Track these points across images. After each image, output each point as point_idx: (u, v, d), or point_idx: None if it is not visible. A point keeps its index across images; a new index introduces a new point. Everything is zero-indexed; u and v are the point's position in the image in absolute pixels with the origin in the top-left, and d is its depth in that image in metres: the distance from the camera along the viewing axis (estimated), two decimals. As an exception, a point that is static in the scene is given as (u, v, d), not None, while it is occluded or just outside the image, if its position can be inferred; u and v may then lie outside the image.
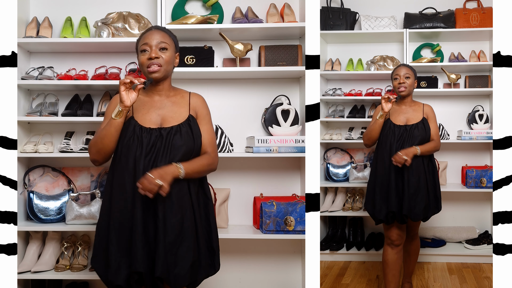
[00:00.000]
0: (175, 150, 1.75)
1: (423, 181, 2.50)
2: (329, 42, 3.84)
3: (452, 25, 3.62)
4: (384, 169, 2.53)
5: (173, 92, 1.89)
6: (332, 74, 3.65)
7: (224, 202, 2.68)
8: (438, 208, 2.62)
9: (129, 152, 1.74)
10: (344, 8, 3.72)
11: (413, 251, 2.78)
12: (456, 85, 3.69)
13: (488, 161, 3.74)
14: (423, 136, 2.52)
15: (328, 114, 3.68)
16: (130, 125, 1.77)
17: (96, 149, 1.78)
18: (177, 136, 1.77)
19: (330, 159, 3.72)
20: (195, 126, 1.84)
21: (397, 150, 2.47)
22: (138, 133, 1.75)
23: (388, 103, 2.47)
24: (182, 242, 1.73)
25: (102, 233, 1.79)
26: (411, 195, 2.47)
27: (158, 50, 1.79)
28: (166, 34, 1.84)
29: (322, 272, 3.31)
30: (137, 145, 1.74)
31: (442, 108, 3.77)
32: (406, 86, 2.54)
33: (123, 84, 1.70)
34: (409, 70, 2.57)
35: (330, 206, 3.64)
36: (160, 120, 1.81)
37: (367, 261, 3.55)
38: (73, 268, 2.53)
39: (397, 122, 2.57)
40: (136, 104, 1.83)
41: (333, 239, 3.71)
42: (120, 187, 1.75)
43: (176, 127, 1.79)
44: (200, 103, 1.90)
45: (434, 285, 3.03)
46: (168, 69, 1.82)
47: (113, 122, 1.73)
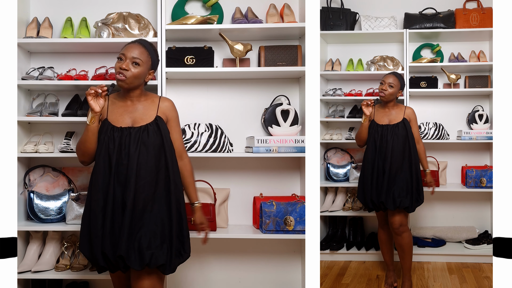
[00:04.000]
0: (144, 146, 1.95)
1: (405, 174, 2.77)
2: (329, 42, 3.84)
3: (452, 25, 3.62)
4: (369, 163, 2.86)
5: (144, 97, 2.07)
6: (332, 74, 3.65)
7: (224, 202, 2.69)
8: (420, 201, 2.83)
9: (103, 148, 1.96)
10: (344, 8, 3.72)
11: (405, 245, 2.83)
12: (456, 85, 3.69)
13: (488, 161, 3.74)
14: (403, 134, 2.81)
15: (328, 114, 3.68)
16: (104, 126, 2.00)
17: (80, 152, 2.04)
18: (145, 134, 1.97)
19: (330, 159, 3.72)
20: (163, 125, 2.02)
21: (381, 146, 2.81)
22: (110, 132, 1.97)
23: (368, 107, 2.85)
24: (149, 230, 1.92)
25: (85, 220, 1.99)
26: (389, 185, 2.76)
27: (130, 64, 1.97)
28: (146, 51, 2.01)
29: (322, 272, 3.31)
30: (108, 142, 1.96)
31: (442, 108, 3.77)
32: (386, 94, 2.82)
33: (89, 95, 1.94)
34: (396, 80, 2.83)
35: (330, 206, 3.64)
36: (131, 122, 2.01)
37: (367, 261, 3.56)
38: (73, 268, 2.54)
39: (381, 123, 2.87)
40: (111, 108, 2.04)
41: (333, 239, 3.71)
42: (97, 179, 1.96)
43: (144, 126, 1.99)
44: (169, 107, 2.08)
45: (434, 285, 3.03)
46: (135, 83, 1.99)
47: (89, 128, 1.98)
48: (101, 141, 1.98)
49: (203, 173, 2.73)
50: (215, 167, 2.77)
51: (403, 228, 2.81)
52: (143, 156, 1.95)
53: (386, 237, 3.02)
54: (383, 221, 2.99)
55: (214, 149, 2.60)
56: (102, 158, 1.96)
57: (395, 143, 2.79)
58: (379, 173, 2.81)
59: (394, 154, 2.78)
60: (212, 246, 2.75)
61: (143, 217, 1.93)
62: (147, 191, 1.94)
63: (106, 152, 1.96)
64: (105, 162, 1.96)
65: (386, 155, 2.78)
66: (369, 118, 2.89)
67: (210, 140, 2.59)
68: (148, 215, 1.93)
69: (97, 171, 1.97)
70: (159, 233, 1.93)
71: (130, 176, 1.92)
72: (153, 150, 1.97)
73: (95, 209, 1.94)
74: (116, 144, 1.95)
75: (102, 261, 1.94)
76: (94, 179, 1.98)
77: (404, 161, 2.78)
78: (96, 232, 1.93)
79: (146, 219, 1.93)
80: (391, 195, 2.74)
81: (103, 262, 1.95)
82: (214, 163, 2.77)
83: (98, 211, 1.94)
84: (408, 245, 2.84)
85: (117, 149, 1.95)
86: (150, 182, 1.95)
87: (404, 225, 2.82)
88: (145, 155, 1.95)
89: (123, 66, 1.95)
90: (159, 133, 2.00)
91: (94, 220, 1.94)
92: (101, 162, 1.96)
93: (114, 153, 1.94)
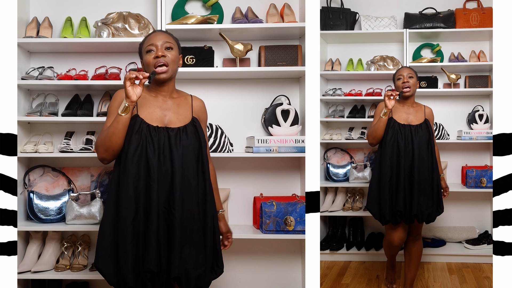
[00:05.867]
0: (184, 150, 1.76)
1: (429, 182, 2.54)
2: (329, 42, 3.84)
3: (452, 25, 3.62)
4: (391, 168, 2.53)
5: (176, 94, 1.90)
6: (332, 74, 3.65)
7: (224, 202, 2.69)
8: (441, 210, 2.64)
9: (138, 149, 1.72)
10: (344, 8, 3.72)
11: (415, 253, 2.71)
12: (456, 85, 3.69)
13: (488, 161, 3.74)
14: (427, 137, 2.56)
15: (328, 114, 3.68)
16: (136, 123, 1.75)
17: (104, 148, 1.74)
18: (184, 136, 1.78)
19: (330, 159, 3.72)
20: (199, 127, 1.86)
21: (406, 149, 2.50)
22: (146, 132, 1.74)
23: (391, 100, 2.47)
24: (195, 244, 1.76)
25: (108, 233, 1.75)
26: (420, 195, 2.49)
27: (164, 50, 1.79)
28: (170, 36, 1.87)
29: (322, 272, 3.31)
30: (146, 143, 1.73)
31: (442, 108, 3.77)
32: (410, 85, 2.59)
33: (129, 80, 1.66)
34: (411, 71, 2.64)
35: (330, 206, 3.64)
36: (165, 120, 1.81)
37: (367, 261, 3.56)
38: (73, 268, 2.54)
39: (401, 121, 2.59)
40: (140, 101, 1.81)
41: (333, 239, 3.71)
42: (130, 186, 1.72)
43: (182, 128, 1.80)
44: (201, 108, 1.95)
45: (434, 285, 3.03)
46: (174, 69, 1.82)
47: (120, 119, 1.70)
48: (133, 140, 1.72)
49: (203, 173, 2.72)
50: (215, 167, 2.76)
51: (419, 236, 2.71)
52: (186, 160, 1.76)
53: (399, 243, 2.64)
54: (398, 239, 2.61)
55: (214, 149, 2.60)
56: (136, 161, 1.71)
57: (422, 147, 2.51)
58: (405, 181, 2.49)
59: (421, 159, 2.49)
60: (212, 246, 2.75)
61: (190, 230, 1.74)
62: (192, 199, 1.76)
63: (143, 153, 1.72)
64: (140, 165, 1.71)
65: (413, 161, 2.48)
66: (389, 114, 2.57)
67: (210, 140, 2.59)
68: (195, 228, 1.75)
69: (131, 175, 1.71)
70: (201, 248, 1.76)
71: (176, 183, 1.72)
72: (193, 154, 1.79)
73: (126, 219, 1.69)
74: (155, 146, 1.73)
75: (132, 281, 1.68)
76: (125, 184, 1.71)
77: (430, 168, 2.52)
78: (126, 246, 1.68)
79: (193, 232, 1.74)
80: (420, 207, 2.48)
81: (133, 282, 1.68)
82: (214, 163, 2.75)
83: (129, 222, 1.69)
84: (420, 252, 2.71)
85: (157, 151, 1.73)
86: (194, 190, 1.77)
87: (420, 232, 2.71)
88: (188, 159, 1.76)
89: (160, 54, 1.76)
90: (197, 136, 1.82)
91: (125, 232, 1.69)
92: (134, 166, 1.71)
93: (155, 155, 1.72)
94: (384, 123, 2.54)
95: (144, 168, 1.72)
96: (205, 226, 1.80)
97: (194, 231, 1.75)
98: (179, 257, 1.70)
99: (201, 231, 1.78)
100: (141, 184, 1.72)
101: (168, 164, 1.73)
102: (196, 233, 1.76)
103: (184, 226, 1.73)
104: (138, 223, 1.71)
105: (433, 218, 2.57)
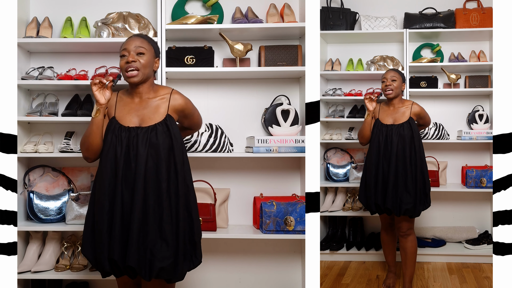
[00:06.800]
0: (151, 148, 1.87)
1: (411, 178, 2.65)
2: (329, 42, 3.84)
3: (452, 25, 3.62)
4: (373, 165, 2.73)
5: (153, 94, 1.98)
6: (332, 74, 3.65)
7: (224, 202, 2.69)
8: (426, 204, 2.73)
9: (110, 149, 1.88)
10: (344, 8, 3.72)
11: (409, 250, 2.76)
12: (456, 85, 3.69)
13: (488, 161, 3.74)
14: (409, 135, 2.68)
15: (328, 114, 3.68)
16: (111, 125, 1.92)
17: (85, 147, 1.94)
18: (153, 134, 1.88)
19: (330, 159, 3.72)
20: (173, 124, 1.93)
21: (385, 148, 2.69)
22: (118, 132, 1.89)
23: (372, 102, 2.71)
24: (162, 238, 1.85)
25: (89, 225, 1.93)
26: (396, 191, 2.65)
27: (136, 55, 1.90)
28: (145, 40, 1.96)
29: (322, 272, 3.31)
30: (116, 143, 1.88)
31: (442, 108, 3.77)
32: (392, 88, 2.71)
33: (94, 85, 1.85)
34: (396, 73, 2.74)
35: (330, 206, 3.64)
36: (139, 121, 1.93)
37: (367, 261, 3.55)
38: (73, 268, 2.53)
39: (385, 122, 2.75)
40: (119, 105, 1.97)
41: (333, 239, 3.71)
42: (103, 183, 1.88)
43: (152, 126, 1.90)
44: (181, 103, 2.00)
45: (434, 285, 3.03)
46: (146, 73, 1.92)
47: (93, 121, 1.89)
48: (107, 141, 1.89)
49: (203, 173, 2.72)
50: (215, 167, 2.77)
51: (409, 231, 2.76)
52: (151, 159, 1.86)
53: (389, 238, 2.97)
54: (387, 223, 2.93)
55: (214, 149, 2.60)
56: (109, 160, 1.87)
57: (400, 145, 2.66)
58: (384, 177, 2.69)
59: (399, 157, 2.66)
60: (212, 246, 2.75)
61: (153, 224, 1.84)
62: (156, 195, 1.85)
63: (113, 154, 1.87)
64: (111, 164, 1.87)
65: (391, 158, 2.66)
66: (372, 114, 2.76)
67: (210, 140, 2.59)
68: (158, 222, 1.85)
69: (103, 174, 1.88)
70: (170, 241, 1.84)
71: (138, 180, 1.83)
72: (162, 152, 1.87)
73: (100, 214, 1.86)
74: (123, 146, 1.86)
75: (108, 267, 1.87)
76: (99, 182, 1.89)
77: (409, 164, 2.65)
78: (101, 237, 1.85)
79: (156, 225, 1.84)
80: (398, 201, 2.64)
81: (109, 268, 1.88)
82: (214, 163, 2.77)
83: (103, 216, 1.85)
84: (412, 249, 2.76)
85: (124, 150, 1.86)
86: (159, 186, 1.86)
87: (411, 228, 2.76)
88: (154, 157, 1.86)
89: (130, 59, 1.87)
90: (168, 134, 1.90)
91: (100, 225, 1.85)
92: (107, 165, 1.87)
93: (122, 155, 1.86)
94: (368, 123, 2.76)
95: (113, 166, 1.87)
96: (177, 221, 1.88)
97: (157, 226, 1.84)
98: (137, 249, 1.82)
99: (171, 225, 1.86)
100: (112, 181, 1.86)
101: (133, 162, 1.85)
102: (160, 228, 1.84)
103: (145, 222, 1.83)
104: (111, 217, 1.85)
105: (417, 213, 2.68)
